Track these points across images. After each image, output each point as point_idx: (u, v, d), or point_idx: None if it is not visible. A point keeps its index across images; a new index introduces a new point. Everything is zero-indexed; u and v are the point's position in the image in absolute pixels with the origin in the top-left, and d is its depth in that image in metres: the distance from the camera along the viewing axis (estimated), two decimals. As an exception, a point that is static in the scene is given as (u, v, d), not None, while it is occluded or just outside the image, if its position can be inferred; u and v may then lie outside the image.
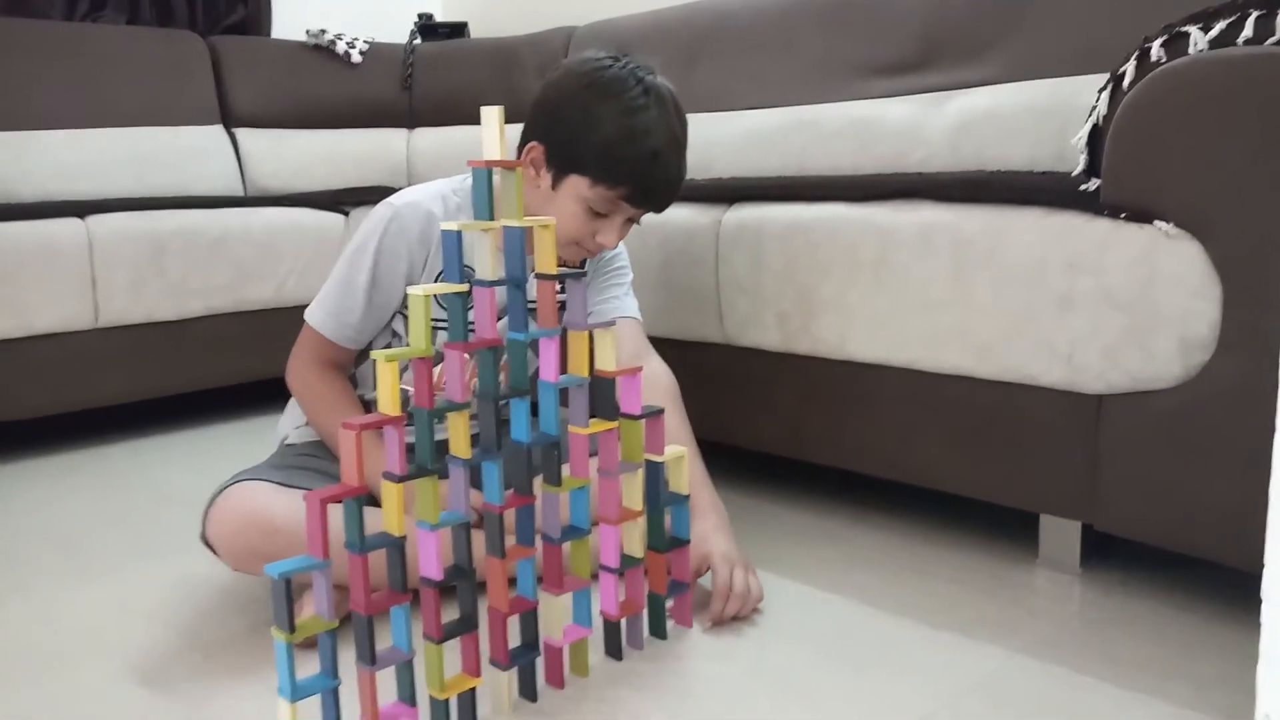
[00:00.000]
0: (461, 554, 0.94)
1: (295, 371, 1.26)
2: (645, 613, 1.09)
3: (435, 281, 1.23)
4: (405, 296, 1.24)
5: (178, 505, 1.60)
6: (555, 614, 0.99)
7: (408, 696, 0.89)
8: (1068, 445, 1.18)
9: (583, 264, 1.32)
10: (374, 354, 0.89)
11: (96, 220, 1.94)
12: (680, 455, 1.10)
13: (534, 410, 1.00)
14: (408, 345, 1.24)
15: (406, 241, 1.21)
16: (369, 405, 1.29)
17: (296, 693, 0.82)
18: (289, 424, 1.32)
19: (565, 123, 1.17)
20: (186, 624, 1.17)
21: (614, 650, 1.06)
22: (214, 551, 1.14)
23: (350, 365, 1.30)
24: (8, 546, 1.45)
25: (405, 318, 1.25)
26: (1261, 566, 0.72)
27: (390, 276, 1.22)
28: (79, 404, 1.94)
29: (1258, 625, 0.71)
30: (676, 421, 1.26)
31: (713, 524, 1.19)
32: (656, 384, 1.29)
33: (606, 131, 1.15)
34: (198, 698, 1.00)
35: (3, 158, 2.19)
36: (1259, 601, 0.72)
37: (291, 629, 0.82)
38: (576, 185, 1.17)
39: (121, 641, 1.13)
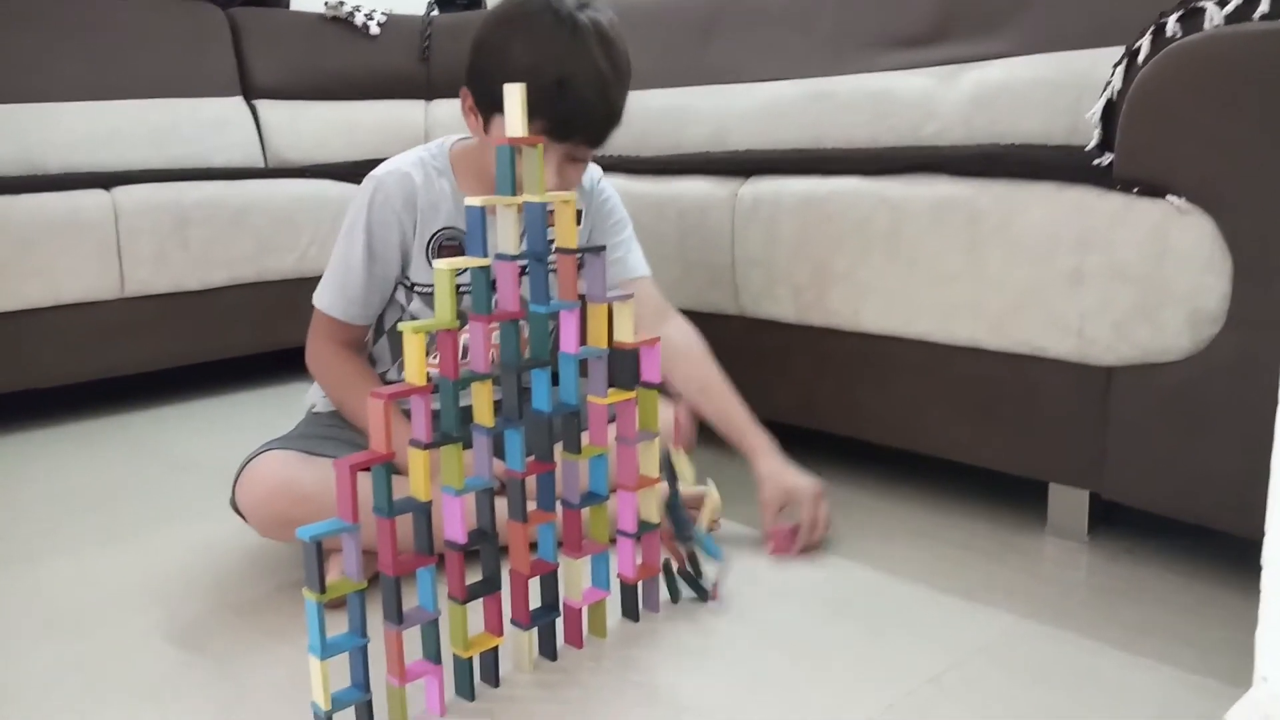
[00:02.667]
0: (485, 518, 0.97)
1: (313, 356, 1.29)
2: (661, 576, 1.12)
3: (428, 243, 1.25)
4: (404, 265, 1.26)
5: (203, 471, 1.64)
6: (575, 576, 1.02)
7: (433, 655, 0.92)
8: (1077, 416, 1.20)
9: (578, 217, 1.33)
10: (401, 326, 0.91)
11: (122, 191, 1.97)
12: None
13: (554, 380, 1.03)
14: (412, 317, 1.28)
15: (394, 209, 1.24)
16: (388, 383, 1.31)
17: (326, 650, 0.86)
18: (316, 393, 1.35)
19: (483, 63, 1.18)
20: (216, 585, 1.21)
21: (631, 612, 1.09)
22: (243, 518, 1.17)
23: (366, 343, 1.33)
24: (42, 508, 1.49)
25: (405, 288, 1.28)
26: (1263, 534, 0.74)
27: (385, 246, 1.25)
28: (106, 372, 1.98)
29: (1259, 591, 0.73)
30: (714, 370, 1.34)
31: (782, 461, 1.29)
32: (691, 338, 1.36)
33: (515, 66, 1.13)
34: (229, 655, 1.04)
35: (28, 129, 2.22)
36: (1260, 568, 0.74)
37: (322, 590, 0.85)
38: (501, 125, 1.16)
39: (154, 601, 1.17)
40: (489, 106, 1.18)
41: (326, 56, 2.75)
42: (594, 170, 1.39)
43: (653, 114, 2.17)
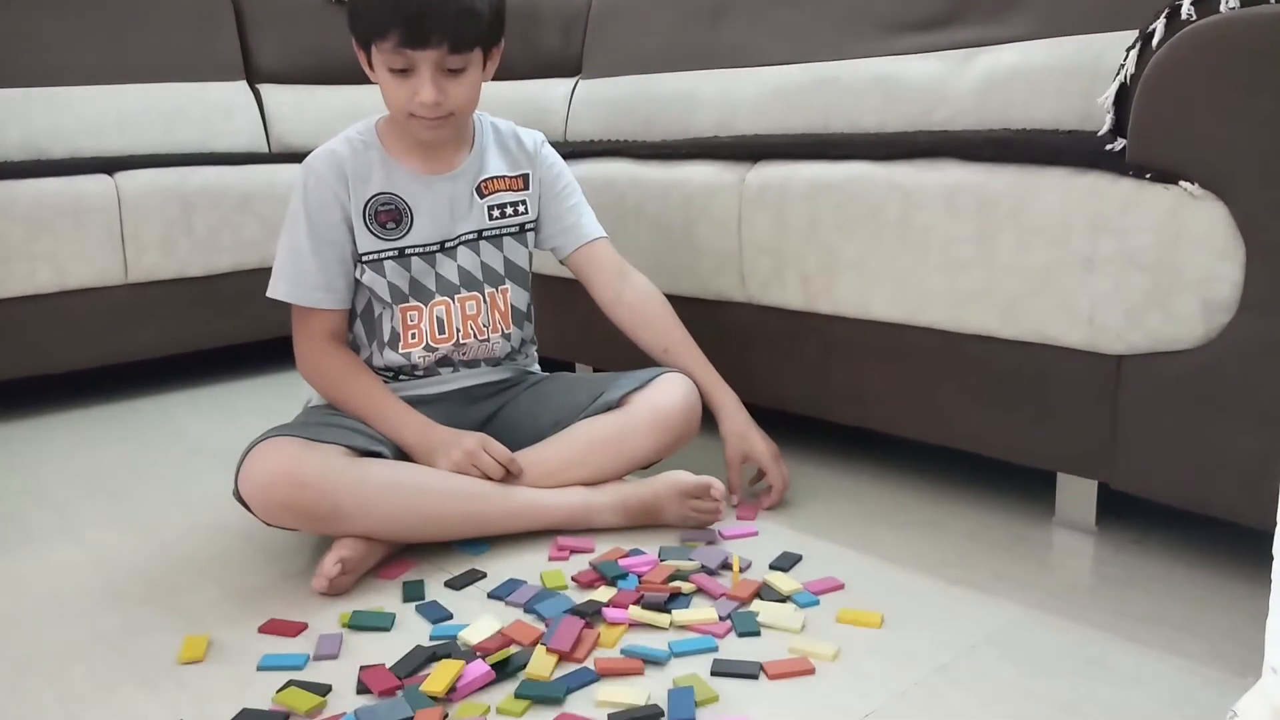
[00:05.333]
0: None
1: (301, 359, 1.31)
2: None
3: (364, 208, 1.28)
4: (354, 244, 1.28)
5: (209, 457, 1.64)
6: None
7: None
8: (1087, 405, 1.19)
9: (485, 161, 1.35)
10: None
11: (125, 176, 1.96)
12: None
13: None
14: (368, 289, 1.28)
15: (329, 186, 1.27)
16: (372, 367, 1.33)
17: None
18: (311, 389, 1.35)
19: (348, 8, 1.24)
20: (221, 571, 1.20)
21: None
22: (247, 508, 1.17)
23: (346, 332, 1.33)
24: (50, 492, 1.50)
25: (367, 267, 1.29)
26: (1274, 524, 0.73)
27: (328, 226, 1.27)
28: (113, 358, 1.98)
29: (1269, 582, 0.72)
30: (678, 329, 1.39)
31: (746, 421, 1.36)
32: (652, 297, 1.41)
33: None
34: (232, 642, 1.03)
35: (34, 114, 2.21)
36: (1271, 559, 0.73)
37: None
38: (376, 59, 1.22)
39: (159, 586, 1.17)
40: (362, 45, 1.23)
41: (330, 41, 2.73)
42: (536, 135, 1.42)
43: (660, 99, 2.16)
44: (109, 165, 1.97)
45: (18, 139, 2.17)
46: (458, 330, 1.32)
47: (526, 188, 1.38)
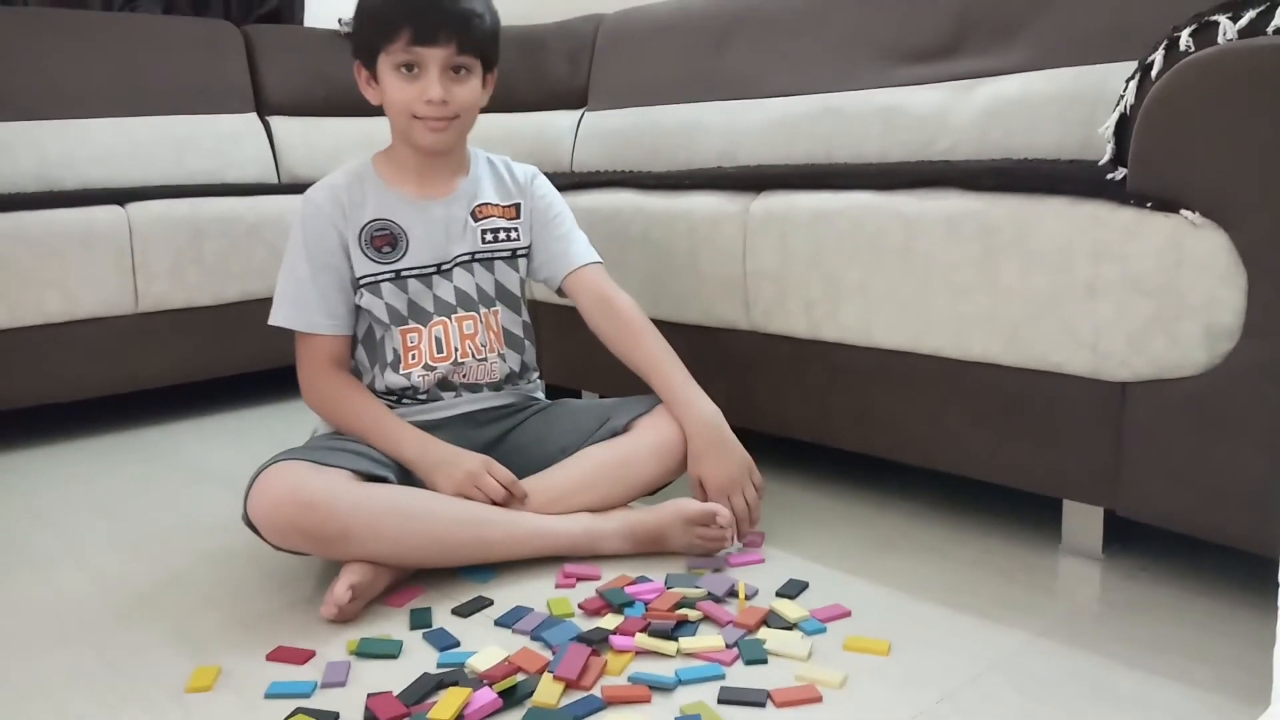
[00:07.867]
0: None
1: (304, 383, 1.33)
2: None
3: (359, 234, 1.32)
4: (352, 269, 1.31)
5: (217, 485, 1.64)
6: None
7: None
8: (1092, 432, 1.19)
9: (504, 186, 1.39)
10: None
11: (136, 207, 1.98)
12: None
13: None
14: (368, 312, 1.31)
15: (326, 215, 1.32)
16: (375, 391, 1.34)
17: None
18: (317, 418, 1.36)
19: (355, 23, 1.32)
20: (227, 597, 1.21)
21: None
22: (256, 532, 1.17)
23: (348, 358, 1.35)
24: (58, 518, 1.50)
25: (365, 290, 1.32)
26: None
27: (327, 254, 1.31)
28: (121, 386, 1.99)
29: (1276, 609, 0.72)
30: (658, 343, 1.36)
31: (705, 443, 1.29)
32: (631, 315, 1.38)
33: (367, 2, 1.30)
34: (239, 669, 1.03)
35: (47, 145, 2.24)
36: (1277, 586, 0.73)
37: None
38: (382, 65, 1.28)
39: (166, 612, 1.17)
40: (369, 56, 1.30)
41: (340, 73, 2.73)
42: (530, 168, 1.46)
43: (664, 129, 2.18)
44: (120, 196, 2.00)
45: (31, 170, 2.20)
46: (456, 350, 1.34)
47: (518, 217, 1.41)
